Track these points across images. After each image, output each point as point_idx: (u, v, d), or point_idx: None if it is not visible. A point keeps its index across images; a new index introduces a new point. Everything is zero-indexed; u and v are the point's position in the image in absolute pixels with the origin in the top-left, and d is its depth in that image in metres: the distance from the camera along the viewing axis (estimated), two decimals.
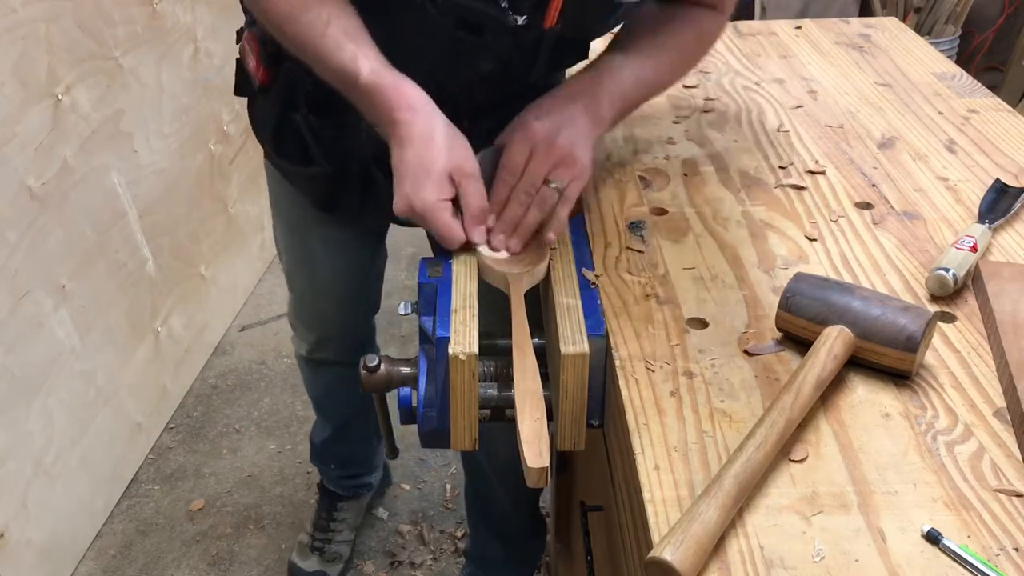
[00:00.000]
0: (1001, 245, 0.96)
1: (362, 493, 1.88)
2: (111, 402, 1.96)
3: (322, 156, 1.16)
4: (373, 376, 0.96)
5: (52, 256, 1.74)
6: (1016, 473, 0.69)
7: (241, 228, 2.56)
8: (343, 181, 1.18)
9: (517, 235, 0.95)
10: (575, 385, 0.86)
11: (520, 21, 0.96)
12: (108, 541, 1.93)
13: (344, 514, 1.86)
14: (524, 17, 0.96)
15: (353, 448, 1.81)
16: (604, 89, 1.01)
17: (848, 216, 1.02)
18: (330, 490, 1.86)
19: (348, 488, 1.85)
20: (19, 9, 1.61)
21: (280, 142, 1.19)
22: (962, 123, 1.23)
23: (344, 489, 1.85)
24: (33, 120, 1.66)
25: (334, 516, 1.85)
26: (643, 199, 1.08)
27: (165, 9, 2.08)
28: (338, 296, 1.46)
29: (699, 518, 0.62)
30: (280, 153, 1.20)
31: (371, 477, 1.88)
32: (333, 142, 1.14)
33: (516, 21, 0.96)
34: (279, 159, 1.21)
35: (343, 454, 1.80)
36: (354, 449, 1.81)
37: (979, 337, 0.83)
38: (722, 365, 0.81)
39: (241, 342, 2.50)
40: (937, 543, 0.63)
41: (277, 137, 1.19)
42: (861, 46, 1.50)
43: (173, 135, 2.16)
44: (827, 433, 0.73)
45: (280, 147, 1.20)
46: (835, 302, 0.79)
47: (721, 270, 0.94)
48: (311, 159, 1.17)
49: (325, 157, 1.16)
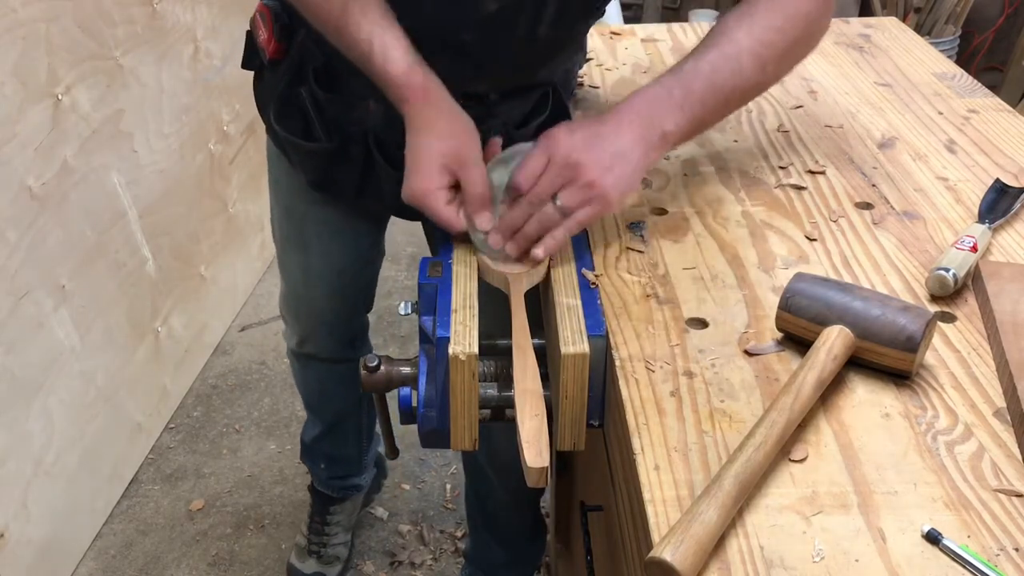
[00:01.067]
0: (1001, 245, 0.96)
1: (351, 494, 1.86)
2: (111, 402, 1.96)
3: (323, 131, 1.15)
4: (373, 376, 0.96)
5: (52, 256, 1.74)
6: (1016, 473, 0.69)
7: (241, 228, 2.56)
8: (342, 159, 1.16)
9: (515, 241, 0.94)
10: (575, 385, 0.86)
11: None
12: (108, 541, 1.93)
13: (337, 516, 1.85)
14: None
15: (343, 448, 1.78)
16: (669, 102, 0.92)
17: (848, 216, 1.02)
18: (321, 492, 1.84)
19: (337, 489, 1.83)
20: (19, 9, 1.61)
21: (283, 115, 1.18)
22: (962, 123, 1.23)
23: (334, 490, 1.83)
24: (33, 120, 1.66)
25: (327, 519, 1.84)
26: (643, 199, 1.08)
27: (165, 9, 2.08)
28: (331, 284, 1.43)
29: (699, 518, 0.62)
30: (282, 126, 1.18)
31: (361, 479, 1.85)
32: (336, 117, 1.14)
33: None
34: (281, 132, 1.19)
35: (333, 454, 1.78)
36: (344, 450, 1.79)
37: (979, 337, 0.83)
38: (722, 365, 0.81)
39: (241, 342, 2.50)
40: (937, 543, 0.63)
41: (280, 110, 1.18)
42: (861, 46, 1.50)
43: (173, 135, 2.16)
44: (827, 433, 0.73)
45: (282, 120, 1.18)
46: (835, 302, 0.79)
47: (721, 270, 0.94)
48: (312, 134, 1.16)
49: (326, 132, 1.15)
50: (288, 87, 1.15)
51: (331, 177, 1.20)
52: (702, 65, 0.94)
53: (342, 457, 1.80)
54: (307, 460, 1.83)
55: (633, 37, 1.56)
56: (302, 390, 1.73)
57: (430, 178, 0.94)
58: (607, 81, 1.40)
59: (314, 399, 1.72)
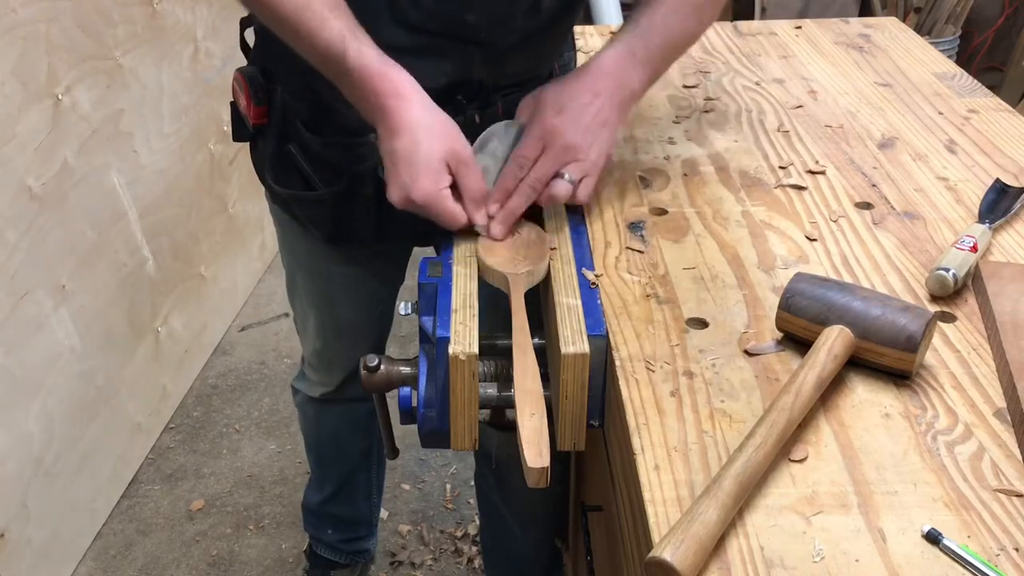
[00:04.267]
0: (1001, 245, 0.96)
1: (359, 561, 1.76)
2: (111, 402, 1.96)
3: (322, 180, 1.13)
4: (373, 376, 0.96)
5: (52, 256, 1.74)
6: (1016, 473, 0.69)
7: (241, 228, 2.56)
8: (353, 201, 1.14)
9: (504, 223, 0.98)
10: (575, 385, 0.86)
11: None
12: (108, 541, 1.93)
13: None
14: None
15: (354, 508, 1.70)
16: (633, 61, 1.01)
17: (848, 216, 1.02)
18: (323, 557, 1.73)
19: (345, 555, 1.73)
20: (19, 9, 1.61)
21: (279, 175, 1.17)
22: (962, 123, 1.23)
23: (341, 556, 1.73)
24: (33, 120, 1.66)
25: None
26: (643, 199, 1.08)
27: (165, 9, 2.08)
28: (362, 333, 1.40)
29: (699, 518, 0.62)
30: (281, 184, 1.17)
31: (370, 542, 1.77)
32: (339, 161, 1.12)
33: None
34: (282, 191, 1.18)
35: (343, 516, 1.69)
36: (355, 509, 1.70)
37: (979, 337, 0.83)
38: (722, 365, 0.81)
39: (241, 342, 2.50)
40: (937, 543, 0.63)
41: (276, 170, 1.17)
42: (861, 46, 1.50)
43: (173, 135, 2.16)
44: (827, 433, 0.73)
45: (280, 180, 1.17)
46: (835, 302, 0.79)
47: (721, 270, 0.94)
48: (312, 186, 1.15)
49: (325, 180, 1.13)
50: (278, 147, 1.14)
51: (346, 225, 1.17)
52: (656, 20, 1.02)
53: (353, 519, 1.71)
54: (312, 529, 1.73)
55: None
56: (313, 444, 1.65)
57: (437, 179, 0.93)
58: None
59: (327, 451, 1.63)
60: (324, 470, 1.66)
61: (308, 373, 1.51)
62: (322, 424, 1.59)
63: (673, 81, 1.38)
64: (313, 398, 1.52)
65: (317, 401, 1.52)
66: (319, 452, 1.65)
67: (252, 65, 1.16)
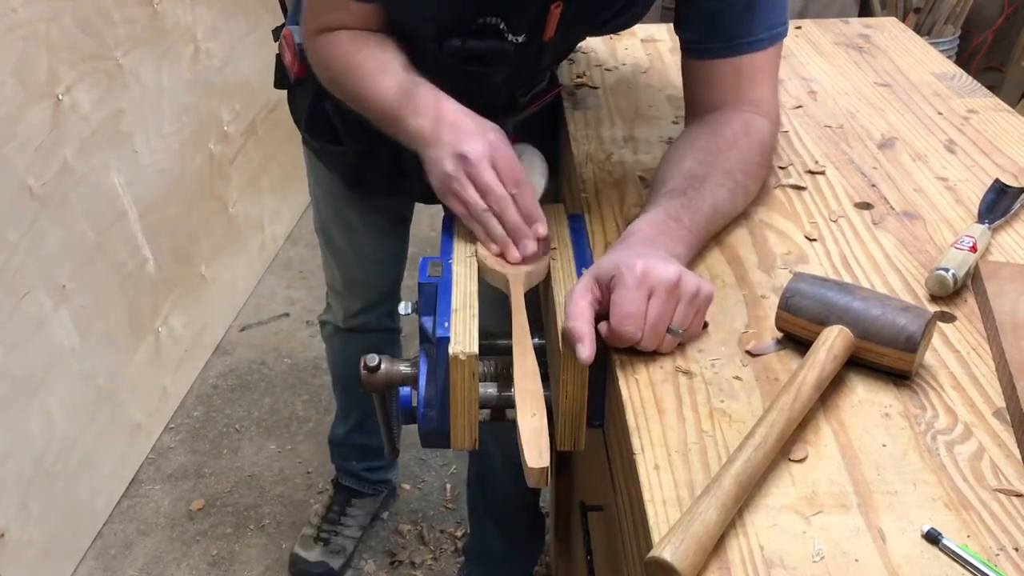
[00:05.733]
0: (1001, 245, 0.96)
1: (380, 490, 1.90)
2: (111, 402, 1.96)
3: (349, 136, 1.25)
4: (373, 376, 0.96)
5: (52, 256, 1.74)
6: (1016, 473, 0.69)
7: (241, 228, 2.56)
8: (370, 159, 1.27)
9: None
10: (575, 385, 0.86)
11: (520, 40, 1.02)
12: (108, 541, 1.93)
13: (357, 511, 1.88)
14: (523, 36, 1.02)
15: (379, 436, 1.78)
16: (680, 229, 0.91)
17: (848, 216, 1.02)
18: (347, 486, 1.87)
19: (368, 484, 1.87)
20: (19, 9, 1.61)
21: (313, 127, 1.29)
22: (962, 123, 1.23)
23: (364, 485, 1.87)
24: (33, 120, 1.66)
25: (347, 511, 1.87)
26: (643, 199, 1.08)
27: (165, 9, 2.09)
28: (378, 261, 1.57)
29: (699, 518, 0.62)
30: (313, 136, 1.31)
31: (391, 472, 1.90)
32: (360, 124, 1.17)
33: (516, 41, 1.02)
34: (313, 141, 1.32)
35: (368, 444, 1.80)
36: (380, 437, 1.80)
37: (979, 337, 0.83)
38: (722, 365, 0.81)
39: (241, 342, 2.50)
40: (937, 543, 0.63)
41: (311, 123, 1.29)
42: (861, 46, 1.50)
43: (173, 135, 2.16)
44: (827, 433, 0.73)
45: (313, 131, 1.30)
46: (835, 302, 0.79)
47: (721, 270, 0.94)
48: (340, 140, 1.27)
49: (352, 137, 1.25)
50: (314, 104, 1.25)
51: (362, 177, 1.32)
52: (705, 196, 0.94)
53: (377, 447, 1.80)
54: (338, 459, 1.87)
55: (633, 37, 1.56)
56: (340, 374, 1.77)
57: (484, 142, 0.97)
58: (607, 81, 1.40)
59: (353, 380, 1.69)
60: (349, 400, 1.78)
61: (332, 301, 1.67)
62: (348, 353, 1.69)
63: (673, 81, 1.38)
64: (339, 328, 1.66)
65: (343, 331, 1.66)
66: (345, 382, 1.77)
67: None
